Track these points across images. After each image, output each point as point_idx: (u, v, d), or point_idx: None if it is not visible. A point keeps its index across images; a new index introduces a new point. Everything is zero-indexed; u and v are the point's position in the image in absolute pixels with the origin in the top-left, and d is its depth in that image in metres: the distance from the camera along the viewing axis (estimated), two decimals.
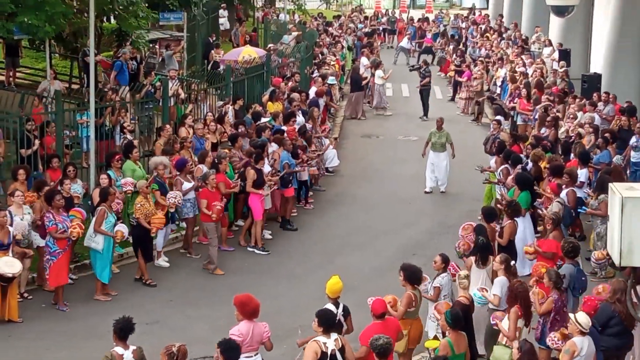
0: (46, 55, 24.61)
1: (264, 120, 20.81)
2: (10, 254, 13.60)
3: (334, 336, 9.73)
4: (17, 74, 27.20)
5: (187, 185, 16.54)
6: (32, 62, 30.00)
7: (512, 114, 25.29)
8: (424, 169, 21.27)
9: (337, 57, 32.45)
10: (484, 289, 12.10)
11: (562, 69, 28.00)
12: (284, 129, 20.03)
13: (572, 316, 10.42)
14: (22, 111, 18.66)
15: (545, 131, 21.08)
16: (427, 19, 46.25)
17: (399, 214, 19.73)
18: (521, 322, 10.99)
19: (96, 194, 15.22)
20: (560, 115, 22.77)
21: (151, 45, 27.69)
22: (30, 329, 13.61)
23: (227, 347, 9.33)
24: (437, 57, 38.82)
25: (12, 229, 13.74)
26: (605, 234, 14.64)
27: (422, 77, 29.55)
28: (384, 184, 22.03)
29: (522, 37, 35.85)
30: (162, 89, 20.48)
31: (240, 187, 17.14)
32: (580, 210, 16.40)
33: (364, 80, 29.94)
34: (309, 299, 14.05)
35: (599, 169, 17.99)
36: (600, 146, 19.12)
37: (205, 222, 16.29)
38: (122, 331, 9.76)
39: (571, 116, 22.04)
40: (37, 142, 17.27)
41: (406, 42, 40.63)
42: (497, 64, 30.98)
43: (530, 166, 17.83)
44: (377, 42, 39.03)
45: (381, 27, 45.88)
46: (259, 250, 17.15)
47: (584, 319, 10.31)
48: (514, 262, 12.86)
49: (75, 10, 23.44)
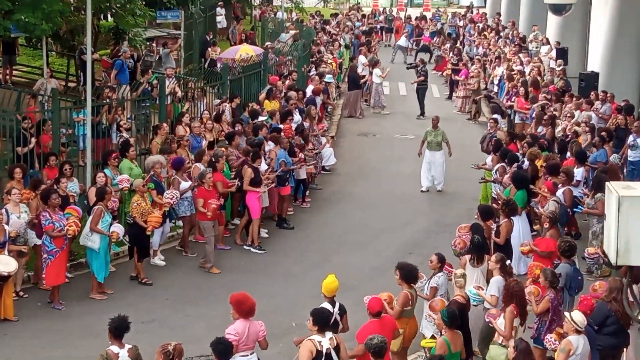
0: (43, 53, 24.55)
1: (261, 118, 20.79)
2: (5, 253, 13.59)
3: (329, 335, 9.74)
4: (14, 72, 27.15)
5: (185, 184, 16.53)
6: (29, 60, 29.91)
7: (509, 112, 25.30)
8: (420, 167, 21.27)
9: (334, 55, 32.45)
10: (480, 287, 12.10)
11: (560, 67, 27.98)
12: (281, 127, 20.04)
13: (567, 315, 10.44)
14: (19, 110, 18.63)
15: (542, 130, 21.07)
16: (425, 17, 46.28)
17: (395, 212, 19.71)
18: (517, 321, 11.01)
19: (92, 192, 15.16)
20: (557, 113, 22.76)
21: (148, 43, 27.63)
22: (25, 327, 13.59)
23: (216, 342, 9.42)
24: (435, 55, 38.83)
25: (8, 227, 13.73)
26: (601, 233, 14.65)
27: (419, 75, 29.64)
28: (380, 183, 22.02)
29: (520, 36, 35.80)
30: (159, 87, 20.42)
31: (237, 186, 17.15)
32: (576, 209, 16.41)
33: (361, 78, 29.96)
34: (306, 297, 14.05)
35: (595, 167, 17.99)
36: (596, 145, 19.12)
37: (201, 221, 16.28)
38: (118, 330, 9.75)
39: (568, 115, 22.02)
40: (33, 140, 17.20)
41: (404, 40, 40.64)
42: (494, 63, 30.95)
43: (526, 165, 17.81)
44: (375, 40, 39.04)
45: (379, 26, 45.91)
46: (256, 248, 17.14)
47: (579, 317, 10.33)
48: (509, 262, 12.86)
49: (72, 8, 23.36)
